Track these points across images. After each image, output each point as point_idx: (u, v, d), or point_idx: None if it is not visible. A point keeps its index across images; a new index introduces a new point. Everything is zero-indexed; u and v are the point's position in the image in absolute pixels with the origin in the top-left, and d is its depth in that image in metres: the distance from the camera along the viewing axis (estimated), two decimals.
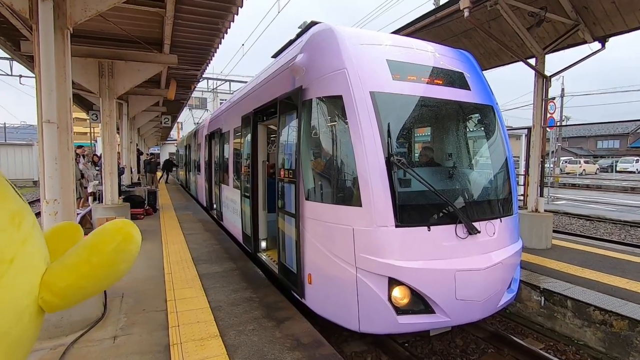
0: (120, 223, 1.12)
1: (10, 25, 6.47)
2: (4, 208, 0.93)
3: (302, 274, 4.10)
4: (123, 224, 1.11)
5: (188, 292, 4.65)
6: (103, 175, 8.26)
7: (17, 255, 0.91)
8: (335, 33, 3.97)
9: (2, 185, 0.98)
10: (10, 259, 0.89)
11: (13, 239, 0.92)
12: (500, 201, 4.21)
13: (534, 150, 7.28)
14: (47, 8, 3.41)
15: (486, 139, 4.55)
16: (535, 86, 7.13)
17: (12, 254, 0.90)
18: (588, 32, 6.65)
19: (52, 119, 3.47)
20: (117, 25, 6.38)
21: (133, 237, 1.10)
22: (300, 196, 4.07)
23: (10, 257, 0.89)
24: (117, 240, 1.07)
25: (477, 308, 3.63)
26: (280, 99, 4.73)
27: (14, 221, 0.94)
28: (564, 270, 5.60)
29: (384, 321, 3.46)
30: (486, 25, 6.97)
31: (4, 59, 19.39)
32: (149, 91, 11.45)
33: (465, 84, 4.31)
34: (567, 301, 4.66)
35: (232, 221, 7.90)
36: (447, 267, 3.48)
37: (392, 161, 3.50)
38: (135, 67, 7.85)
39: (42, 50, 3.40)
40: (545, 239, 6.94)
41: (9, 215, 0.93)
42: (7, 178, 1.07)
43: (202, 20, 6.59)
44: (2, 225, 0.90)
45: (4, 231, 0.90)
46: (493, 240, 3.83)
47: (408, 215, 3.56)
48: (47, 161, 3.47)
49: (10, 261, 0.89)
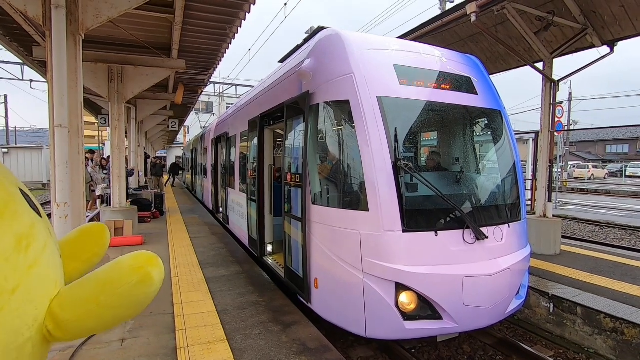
0: (142, 260, 0.98)
1: (23, 32, 6.62)
2: (9, 231, 0.85)
3: (309, 278, 4.10)
4: (144, 261, 0.98)
5: (195, 296, 4.67)
6: (111, 178, 8.35)
7: (21, 284, 0.84)
8: (342, 38, 3.99)
9: (12, 201, 0.90)
10: (12, 289, 0.82)
11: (18, 266, 0.84)
12: (508, 206, 4.18)
13: (542, 154, 7.23)
14: (60, 15, 3.47)
15: (494, 143, 4.53)
16: (543, 90, 7.09)
17: (15, 283, 0.83)
18: (596, 36, 6.61)
19: (64, 123, 3.53)
20: (126, 30, 6.49)
21: (152, 279, 0.97)
22: (307, 200, 4.07)
23: (12, 287, 0.82)
24: (132, 282, 0.94)
25: (485, 314, 3.59)
26: (287, 103, 4.75)
27: (20, 245, 0.86)
28: (574, 277, 5.52)
29: (391, 326, 3.43)
30: (493, 29, 6.96)
31: (16, 64, 19.73)
32: (156, 95, 11.60)
33: (473, 89, 4.30)
34: (577, 308, 4.59)
35: (238, 225, 7.93)
36: (454, 273, 3.45)
37: (399, 166, 3.50)
38: (144, 71, 7.97)
39: (55, 55, 3.46)
40: (553, 244, 6.85)
41: (14, 239, 0.85)
42: (21, 186, 1.00)
43: (210, 26, 6.68)
44: (5, 252, 0.83)
45: (7, 260, 0.82)
46: (501, 245, 3.79)
47: (415, 220, 3.55)
48: (58, 165, 3.52)
49: (12, 291, 0.82)
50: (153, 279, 0.97)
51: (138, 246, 7.32)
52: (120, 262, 0.97)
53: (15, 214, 0.88)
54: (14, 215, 0.88)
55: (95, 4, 3.87)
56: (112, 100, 8.00)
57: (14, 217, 0.88)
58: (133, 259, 0.97)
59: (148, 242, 7.63)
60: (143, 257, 0.99)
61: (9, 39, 7.34)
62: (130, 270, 0.95)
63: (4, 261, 0.82)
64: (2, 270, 0.81)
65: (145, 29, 6.89)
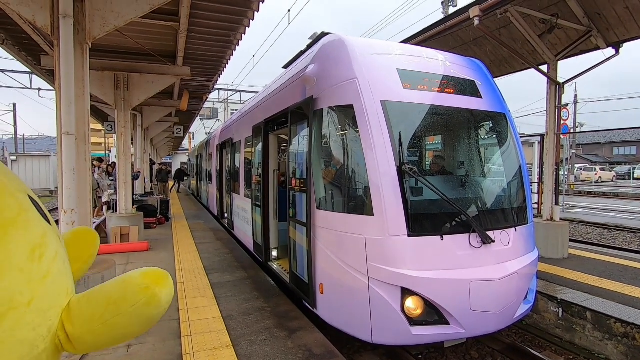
0: (150, 279, 0.93)
1: (31, 42, 6.74)
2: (23, 241, 0.83)
3: (314, 284, 4.08)
4: (153, 280, 0.93)
5: (200, 302, 4.67)
6: (117, 184, 8.42)
7: (36, 295, 0.82)
8: (346, 43, 4.01)
9: (23, 209, 0.87)
10: (27, 302, 0.80)
11: (32, 277, 0.82)
12: (515, 210, 4.14)
13: (548, 157, 7.17)
14: (67, 24, 3.54)
15: (499, 146, 4.50)
16: (548, 93, 7.06)
17: (31, 296, 0.81)
18: (601, 38, 6.58)
19: (71, 130, 3.58)
20: (132, 39, 6.57)
21: (159, 301, 0.92)
22: (312, 205, 4.07)
23: (28, 300, 0.80)
24: (138, 303, 0.90)
25: (492, 319, 3.55)
26: (292, 108, 4.78)
27: (34, 255, 0.84)
28: (582, 281, 5.45)
29: (397, 332, 3.41)
30: (497, 32, 6.96)
31: (24, 73, 20.07)
32: (162, 102, 11.71)
33: (477, 92, 4.29)
34: (587, 313, 4.52)
35: (243, 230, 7.94)
36: (461, 277, 3.42)
37: (404, 170, 3.49)
38: (149, 79, 8.06)
39: (63, 64, 3.52)
40: (561, 248, 6.77)
41: (28, 250, 0.84)
42: (30, 193, 0.98)
43: (215, 33, 6.75)
44: (20, 263, 0.80)
45: (22, 270, 0.80)
46: (508, 249, 3.76)
47: (420, 224, 3.53)
48: (65, 172, 3.56)
49: (27, 304, 0.80)
50: (160, 300, 0.92)
51: (144, 252, 7.35)
52: (128, 280, 0.94)
53: (28, 223, 0.86)
54: (27, 224, 0.86)
55: (102, 13, 3.93)
56: (118, 108, 8.09)
57: (27, 226, 0.86)
58: (141, 277, 0.93)
59: (154, 248, 7.67)
60: (152, 276, 0.94)
61: (18, 48, 7.46)
62: (137, 289, 0.91)
63: (18, 272, 0.80)
64: (18, 282, 0.79)
65: (150, 37, 6.97)
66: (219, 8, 5.74)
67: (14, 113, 38.95)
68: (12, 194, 0.88)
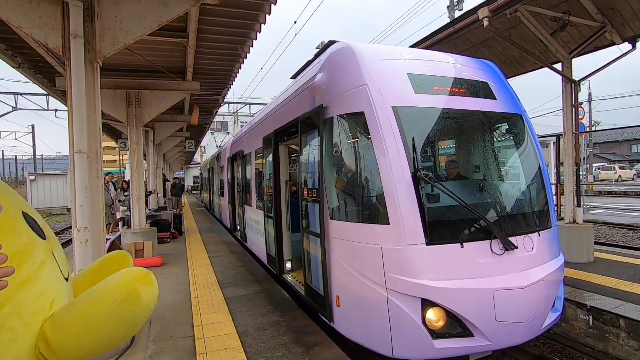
0: (128, 276, 0.92)
1: (46, 64, 6.92)
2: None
3: (330, 296, 3.97)
4: (133, 278, 0.91)
5: (215, 317, 4.59)
6: (131, 201, 8.50)
7: (11, 299, 0.82)
8: (354, 50, 3.97)
9: (9, 220, 0.90)
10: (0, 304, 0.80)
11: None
12: (537, 214, 3.97)
13: (567, 158, 6.94)
14: (78, 44, 3.59)
15: (516, 148, 4.36)
16: (563, 92, 6.87)
17: (4, 298, 0.81)
18: (616, 34, 6.39)
19: (83, 149, 3.59)
20: (143, 57, 6.68)
21: (139, 297, 0.89)
22: (325, 215, 3.98)
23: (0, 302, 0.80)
24: (116, 300, 0.87)
25: (519, 330, 3.36)
26: (301, 118, 4.73)
27: (12, 262, 0.85)
28: (612, 286, 5.18)
29: (419, 346, 3.25)
30: (507, 33, 6.84)
31: (41, 95, 20.76)
32: (173, 118, 11.87)
33: (491, 94, 4.17)
34: (620, 320, 4.27)
35: (256, 242, 7.88)
36: (484, 287, 3.26)
37: (419, 176, 3.38)
38: (160, 95, 8.17)
39: (74, 83, 3.56)
40: (587, 252, 6.49)
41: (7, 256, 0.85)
42: (27, 209, 1.00)
43: (223, 48, 6.82)
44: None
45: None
46: (532, 256, 3.58)
47: (439, 232, 3.40)
48: (78, 190, 3.57)
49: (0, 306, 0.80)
50: (140, 296, 0.89)
51: (158, 267, 7.35)
52: (107, 280, 0.92)
53: (13, 231, 0.89)
54: (12, 231, 0.89)
55: (112, 32, 3.98)
56: (131, 125, 8.21)
57: (11, 234, 0.88)
58: (121, 276, 0.92)
59: (168, 263, 7.66)
60: (132, 274, 0.92)
61: (34, 71, 7.68)
62: (115, 286, 0.90)
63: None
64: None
65: (160, 54, 7.09)
66: (227, 22, 5.80)
67: (33, 134, 40.24)
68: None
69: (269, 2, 5.16)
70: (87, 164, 3.64)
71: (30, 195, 26.59)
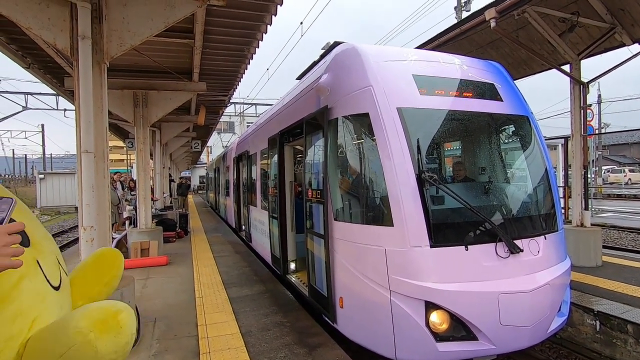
0: (87, 321, 0.80)
1: (55, 64, 7.00)
2: None
3: (333, 297, 3.96)
4: (91, 323, 0.79)
5: (219, 317, 4.61)
6: (137, 200, 8.57)
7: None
8: (359, 51, 3.96)
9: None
10: None
11: None
12: (543, 216, 3.93)
13: (575, 160, 6.86)
14: (86, 45, 3.63)
15: (523, 150, 4.32)
16: (571, 94, 6.79)
17: None
18: (626, 35, 6.30)
19: (90, 148, 3.63)
20: (150, 57, 6.74)
21: (95, 349, 0.78)
22: (329, 216, 3.98)
23: None
24: (72, 347, 0.78)
25: (524, 334, 3.32)
26: (306, 119, 4.74)
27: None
28: (620, 291, 5.10)
29: (422, 348, 3.23)
30: (514, 34, 6.78)
31: (51, 95, 21.02)
32: (179, 118, 11.95)
33: (497, 95, 4.14)
34: (627, 325, 4.21)
35: (260, 242, 7.90)
36: (489, 290, 3.23)
37: (423, 178, 3.36)
38: (167, 95, 8.24)
39: (82, 83, 3.60)
40: (594, 255, 6.41)
41: None
42: (26, 213, 0.94)
43: (229, 48, 6.85)
44: None
45: None
46: (538, 259, 3.54)
47: (443, 234, 3.38)
48: (84, 189, 3.61)
49: None
50: (95, 348, 0.78)
51: (163, 266, 7.40)
52: (68, 319, 0.82)
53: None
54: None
55: (119, 33, 4.02)
56: (137, 125, 8.28)
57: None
58: (81, 319, 0.80)
59: (173, 262, 7.71)
60: (93, 318, 0.81)
61: (43, 71, 7.78)
62: (71, 333, 0.79)
63: None
64: None
65: (167, 55, 7.14)
66: (232, 23, 5.82)
67: (42, 133, 40.78)
68: None
69: (274, 3, 5.17)
70: (94, 163, 3.68)
71: (39, 193, 26.97)
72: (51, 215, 25.75)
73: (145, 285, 6.14)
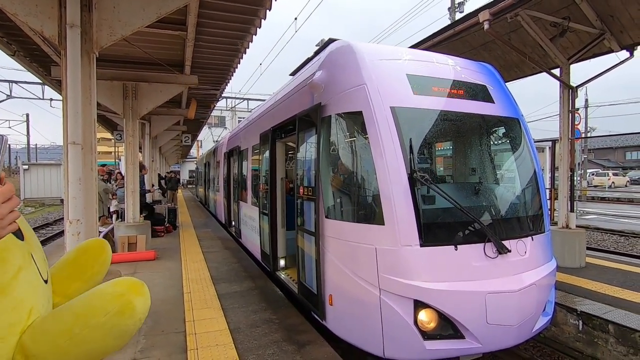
0: (123, 287, 0.87)
1: (42, 53, 6.82)
2: None
3: (323, 295, 3.97)
4: (127, 288, 0.87)
5: (207, 313, 4.57)
6: (125, 193, 8.43)
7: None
8: (354, 49, 3.95)
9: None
10: None
11: None
12: (531, 218, 3.99)
13: (562, 163, 6.99)
14: (74, 33, 3.54)
15: (512, 152, 4.37)
16: (560, 97, 6.90)
17: None
18: (615, 41, 6.42)
19: (77, 140, 3.55)
20: (141, 48, 6.62)
21: (134, 309, 0.86)
22: (320, 214, 3.97)
23: None
24: (110, 312, 0.83)
25: (510, 333, 3.38)
26: (299, 116, 4.71)
27: None
28: (602, 291, 5.23)
29: (410, 346, 3.26)
30: (506, 37, 6.84)
31: (37, 84, 20.51)
32: (170, 111, 11.78)
33: (489, 97, 4.18)
34: (609, 326, 4.32)
35: (250, 239, 7.86)
36: (476, 289, 3.27)
37: (415, 177, 3.38)
38: (157, 88, 8.10)
39: (70, 73, 3.51)
40: (578, 257, 6.55)
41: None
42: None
43: (222, 42, 6.77)
44: None
45: None
46: (525, 259, 3.60)
47: (433, 233, 3.41)
48: (71, 182, 3.53)
49: None
50: (135, 308, 0.85)
51: (151, 261, 7.31)
52: (99, 290, 0.87)
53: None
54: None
55: (110, 22, 3.93)
56: (127, 117, 8.13)
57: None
58: (114, 285, 0.87)
59: (161, 257, 7.62)
60: (126, 284, 0.88)
61: (29, 59, 7.57)
62: (109, 297, 0.84)
63: None
64: None
65: (158, 46, 7.02)
66: (226, 17, 5.75)
67: (27, 123, 39.77)
68: None
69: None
70: (81, 155, 3.60)
71: (23, 184, 26.33)
72: (35, 207, 25.19)
73: None
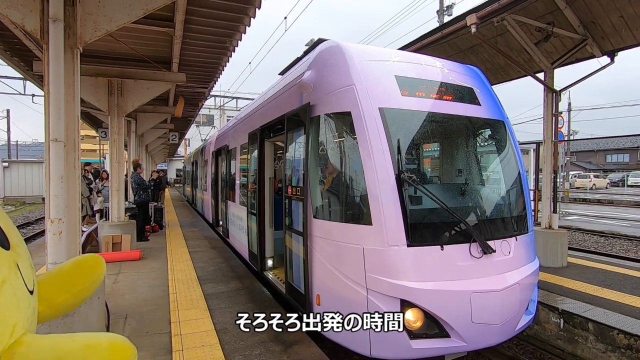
0: (117, 356, 0.86)
1: (23, 47, 6.62)
2: None
3: (310, 295, 3.96)
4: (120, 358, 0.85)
5: (193, 314, 4.52)
6: (110, 192, 8.26)
7: None
8: (343, 49, 3.96)
9: None
10: None
11: None
12: (515, 219, 4.07)
13: (545, 165, 7.14)
14: (57, 28, 3.44)
15: (498, 154, 4.45)
16: (544, 101, 7.06)
17: None
18: (597, 47, 6.60)
19: (60, 137, 3.46)
20: (126, 44, 6.49)
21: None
22: (308, 214, 3.97)
23: None
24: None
25: (494, 332, 3.45)
26: (288, 115, 4.70)
27: None
28: (583, 290, 5.37)
29: (396, 346, 3.29)
30: (493, 40, 6.97)
31: (18, 79, 19.92)
32: (157, 109, 11.58)
33: (475, 99, 4.24)
34: (589, 324, 4.44)
35: (238, 238, 7.80)
36: (462, 289, 3.32)
37: (402, 178, 3.41)
38: (144, 85, 7.95)
39: (52, 68, 3.42)
40: (560, 257, 6.71)
41: None
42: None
43: (211, 39, 6.68)
44: None
45: None
46: (509, 259, 3.67)
47: (420, 233, 3.44)
48: (53, 180, 3.43)
49: None
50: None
51: (136, 261, 7.18)
52: (93, 348, 0.84)
53: None
54: None
55: (94, 17, 3.84)
56: (112, 114, 7.96)
57: None
58: (108, 352, 0.84)
59: (146, 257, 7.49)
60: (120, 352, 0.85)
61: (10, 54, 7.34)
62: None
63: None
64: None
65: (145, 43, 6.89)
66: (215, 14, 5.68)
67: (8, 119, 38.59)
68: None
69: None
70: (64, 152, 3.50)
71: (3, 182, 25.54)
72: (16, 205, 24.47)
73: (116, 280, 5.94)
